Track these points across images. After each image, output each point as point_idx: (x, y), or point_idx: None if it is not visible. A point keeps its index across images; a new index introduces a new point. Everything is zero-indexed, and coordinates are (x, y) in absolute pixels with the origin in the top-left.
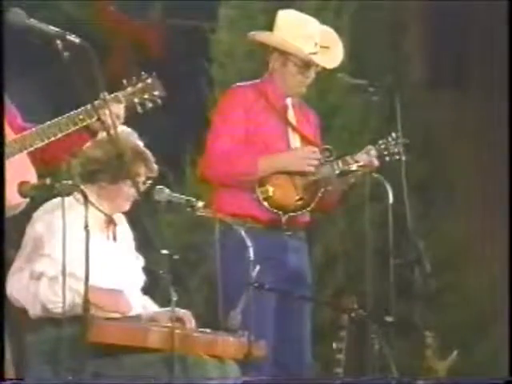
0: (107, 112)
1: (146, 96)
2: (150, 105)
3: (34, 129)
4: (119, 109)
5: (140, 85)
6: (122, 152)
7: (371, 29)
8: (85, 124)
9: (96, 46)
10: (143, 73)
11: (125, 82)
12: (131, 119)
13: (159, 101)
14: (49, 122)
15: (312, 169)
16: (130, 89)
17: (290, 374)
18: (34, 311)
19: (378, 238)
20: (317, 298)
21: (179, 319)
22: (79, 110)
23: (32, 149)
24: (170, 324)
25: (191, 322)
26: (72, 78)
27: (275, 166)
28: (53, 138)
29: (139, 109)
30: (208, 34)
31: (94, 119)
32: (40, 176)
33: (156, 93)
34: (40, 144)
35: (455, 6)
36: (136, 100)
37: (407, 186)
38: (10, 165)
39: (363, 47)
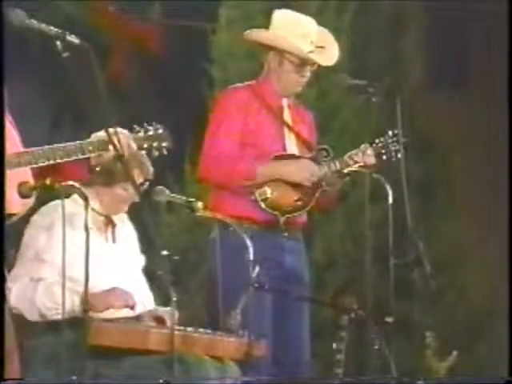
0: (117, 143)
1: (154, 144)
2: (156, 153)
3: (43, 147)
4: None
5: (151, 133)
6: (117, 156)
7: (371, 29)
8: (92, 155)
9: (96, 46)
10: (155, 123)
11: (136, 126)
12: (132, 120)
13: (165, 151)
14: (57, 145)
15: (309, 183)
16: (141, 134)
17: (288, 373)
18: (32, 317)
19: (377, 238)
20: (316, 298)
21: (158, 318)
22: (90, 140)
23: (36, 166)
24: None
25: (173, 319)
26: (72, 78)
27: (274, 174)
28: (59, 161)
29: (144, 153)
30: (208, 34)
31: (102, 152)
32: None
33: (164, 144)
34: (45, 163)
35: (455, 6)
36: (145, 145)
37: (407, 186)
38: (11, 174)
39: (363, 47)
